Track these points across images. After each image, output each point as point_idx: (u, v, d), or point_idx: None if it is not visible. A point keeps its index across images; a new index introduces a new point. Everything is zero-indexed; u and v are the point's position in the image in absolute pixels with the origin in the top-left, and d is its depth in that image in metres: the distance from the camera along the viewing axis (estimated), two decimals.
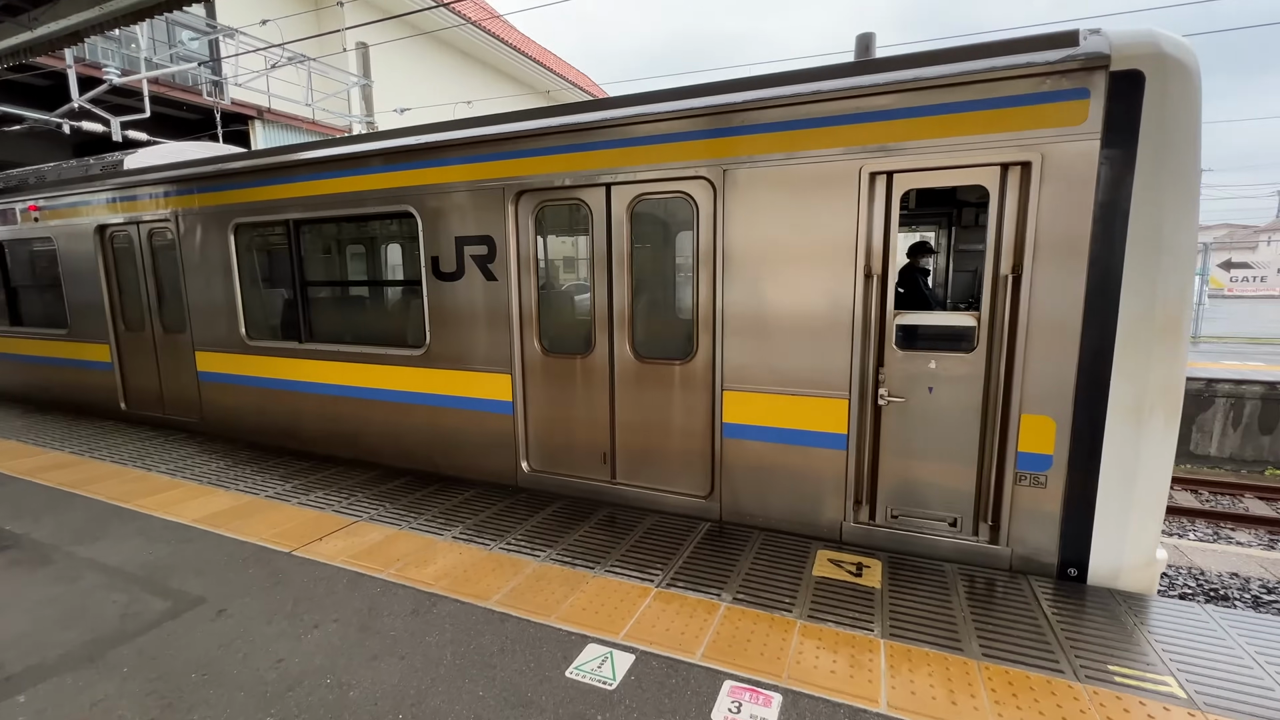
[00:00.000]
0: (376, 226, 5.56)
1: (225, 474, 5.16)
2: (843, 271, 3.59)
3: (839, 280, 3.60)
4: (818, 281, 3.65)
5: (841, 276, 3.59)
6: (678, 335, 4.32)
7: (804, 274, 3.68)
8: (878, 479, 3.75)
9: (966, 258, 6.82)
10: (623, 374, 4.37)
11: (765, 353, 3.85)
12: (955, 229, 6.53)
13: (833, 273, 3.61)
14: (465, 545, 3.75)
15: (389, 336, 5.41)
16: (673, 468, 4.32)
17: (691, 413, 4.19)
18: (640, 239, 4.33)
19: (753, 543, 3.81)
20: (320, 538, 3.85)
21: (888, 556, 3.64)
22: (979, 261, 5.42)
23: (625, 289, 4.27)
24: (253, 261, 6.02)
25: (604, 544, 3.79)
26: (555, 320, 4.75)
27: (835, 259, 3.60)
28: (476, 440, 4.94)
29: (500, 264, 4.57)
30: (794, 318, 3.74)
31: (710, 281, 3.98)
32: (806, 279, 3.68)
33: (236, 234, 5.90)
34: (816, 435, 3.80)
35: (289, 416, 5.91)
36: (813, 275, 3.66)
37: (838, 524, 3.84)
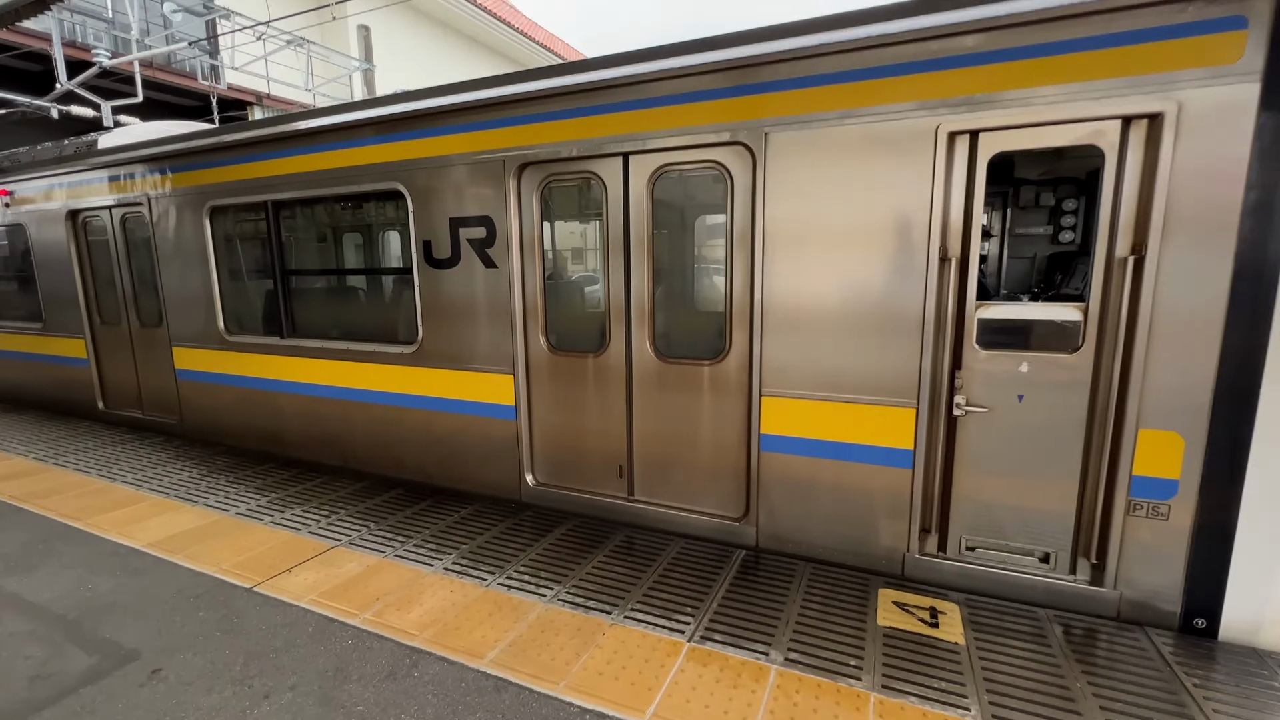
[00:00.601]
0: (363, 208, 4.97)
1: (197, 485, 4.62)
2: (912, 254, 2.95)
3: (907, 265, 2.97)
4: (880, 267, 3.02)
5: (910, 260, 2.96)
6: (706, 331, 3.70)
7: (862, 258, 3.05)
8: (950, 503, 3.12)
9: (1023, 243, 6.08)
10: (642, 375, 3.77)
11: (813, 352, 3.23)
12: (1011, 210, 5.84)
13: (899, 256, 2.98)
14: (458, 580, 3.17)
15: (378, 332, 4.84)
16: (700, 485, 3.72)
17: (722, 421, 3.59)
18: (663, 219, 3.71)
19: (798, 578, 3.20)
20: (290, 568, 3.28)
21: (964, 599, 3.02)
22: (1038, 246, 4.76)
23: (645, 277, 3.65)
24: (231, 249, 5.46)
25: (622, 578, 3.20)
26: (564, 313, 4.15)
27: (903, 239, 2.96)
28: (475, 449, 4.36)
29: (500, 249, 3.97)
30: (849, 310, 3.11)
31: (747, 268, 3.36)
32: (866, 264, 3.05)
33: (212, 218, 5.33)
34: (875, 450, 3.18)
35: (271, 419, 5.36)
36: (873, 259, 3.03)
37: (899, 556, 3.23)
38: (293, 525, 3.86)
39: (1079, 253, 4.24)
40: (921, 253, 2.93)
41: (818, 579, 3.18)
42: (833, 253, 3.11)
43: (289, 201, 4.89)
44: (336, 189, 4.55)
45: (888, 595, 3.02)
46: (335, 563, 3.35)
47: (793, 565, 3.33)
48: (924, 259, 2.93)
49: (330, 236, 5.20)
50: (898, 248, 2.98)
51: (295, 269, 5.09)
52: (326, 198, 4.72)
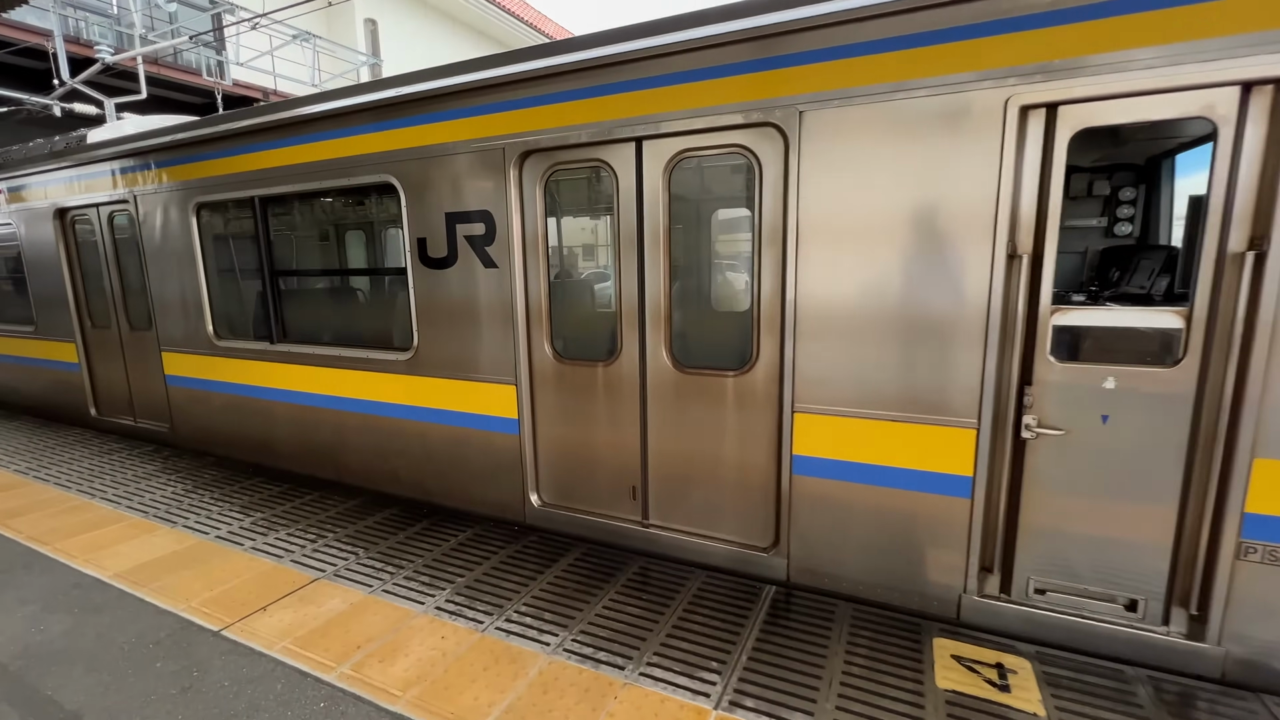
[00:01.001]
0: (355, 204, 4.63)
1: (179, 503, 4.31)
2: (973, 250, 2.53)
3: (967, 262, 2.54)
4: (934, 265, 2.60)
5: (971, 257, 2.53)
6: (730, 337, 3.30)
7: (913, 254, 2.63)
8: (1015, 539, 2.70)
9: (1073, 236, 5.58)
10: (657, 386, 3.37)
11: (854, 362, 2.81)
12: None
13: (957, 252, 2.56)
14: (451, 622, 2.81)
15: (371, 337, 4.49)
16: (723, 510, 3.33)
17: (749, 440, 3.18)
18: (681, 212, 3.31)
19: (839, 623, 2.79)
20: (265, 606, 2.94)
21: (1034, 652, 2.60)
22: (1090, 240, 4.28)
23: (661, 277, 3.26)
24: (219, 248, 5.13)
25: (636, 620, 2.81)
26: (571, 318, 3.76)
27: (962, 233, 2.54)
28: (475, 466, 3.99)
29: (501, 246, 3.59)
30: (898, 315, 2.69)
31: (777, 266, 2.95)
32: (917, 261, 2.62)
33: (199, 216, 5.01)
34: (927, 477, 2.76)
35: (263, 430, 5.04)
36: (926, 256, 2.61)
37: (954, 597, 2.81)
38: (275, 552, 3.52)
39: (1138, 247, 3.79)
40: (984, 248, 2.51)
41: (862, 624, 2.78)
42: (878, 248, 2.69)
43: (277, 197, 4.55)
44: (325, 183, 4.20)
45: (945, 647, 2.61)
46: (316, 599, 3.00)
47: (830, 606, 2.92)
48: (988, 255, 2.51)
49: (321, 235, 4.87)
50: (956, 242, 2.55)
51: (285, 270, 4.75)
52: (316, 193, 4.37)
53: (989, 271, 2.51)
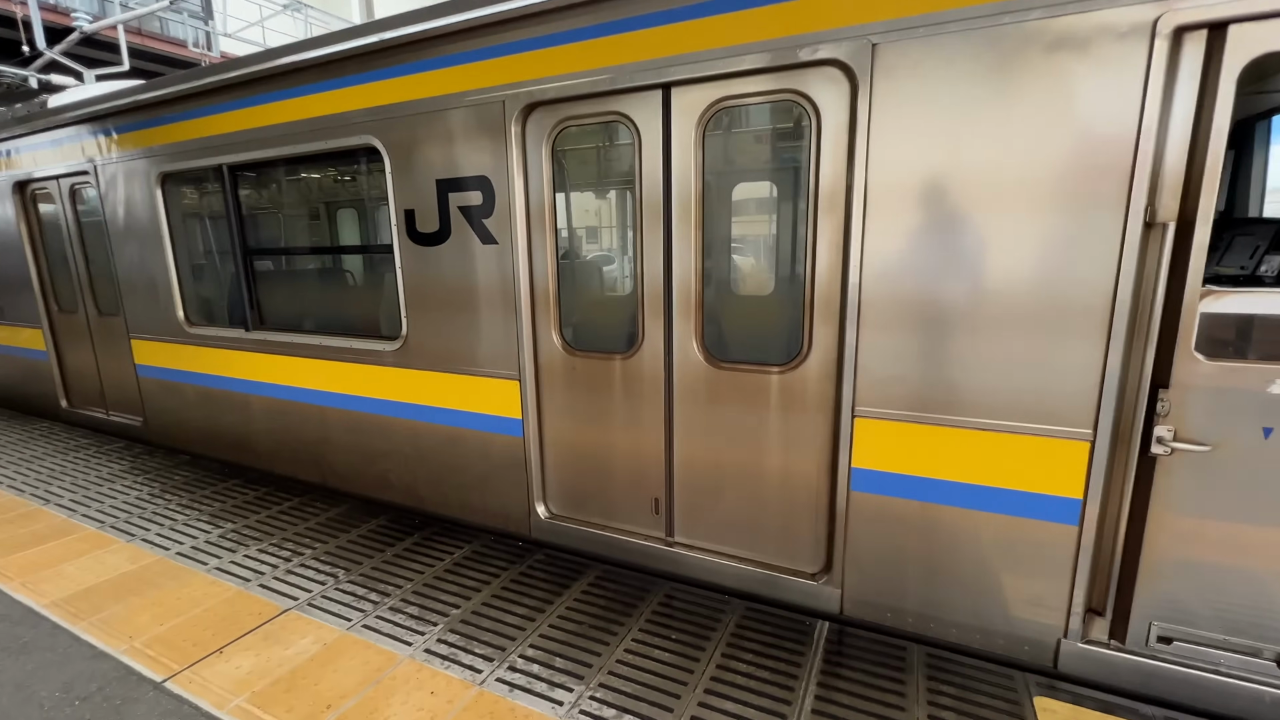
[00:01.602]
0: (335, 173, 4.08)
1: (142, 510, 3.83)
2: (1098, 217, 1.99)
3: (1089, 233, 2.01)
4: (1045, 236, 2.06)
5: (1095, 226, 2.00)
6: (775, 326, 2.78)
7: (1017, 223, 2.09)
8: (1135, 576, 2.19)
9: None
10: (686, 383, 2.86)
11: (933, 357, 2.29)
12: None
13: (1077, 220, 2.02)
14: (443, 670, 2.33)
15: (356, 324, 3.97)
16: (762, 529, 2.83)
17: (796, 448, 2.68)
18: (717, 174, 2.77)
19: (912, 672, 2.31)
20: (221, 648, 2.46)
21: (1161, 717, 2.11)
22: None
23: (692, 254, 2.73)
24: (188, 224, 4.61)
25: (668, 669, 2.33)
26: (583, 302, 3.25)
27: (1083, 195, 2.00)
28: (473, 471, 3.50)
29: (501, 219, 3.06)
30: (993, 299, 2.16)
31: (837, 239, 2.42)
32: (1022, 232, 2.09)
33: (164, 187, 4.47)
34: (1023, 498, 2.25)
35: (241, 426, 4.55)
36: (1035, 225, 2.07)
37: (1051, 643, 2.32)
38: (241, 573, 3.04)
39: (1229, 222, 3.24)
40: (1114, 214, 1.97)
41: (941, 675, 2.29)
42: (970, 216, 2.15)
43: (248, 165, 4.01)
44: (300, 147, 3.65)
45: (1049, 711, 2.12)
46: (284, 637, 2.52)
47: (898, 650, 2.43)
48: (1118, 223, 1.97)
49: (299, 209, 4.32)
50: (1074, 208, 2.01)
51: (259, 249, 4.23)
52: (291, 160, 3.83)
53: (1118, 244, 1.97)
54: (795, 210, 2.69)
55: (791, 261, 2.78)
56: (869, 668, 2.32)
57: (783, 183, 2.82)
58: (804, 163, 2.50)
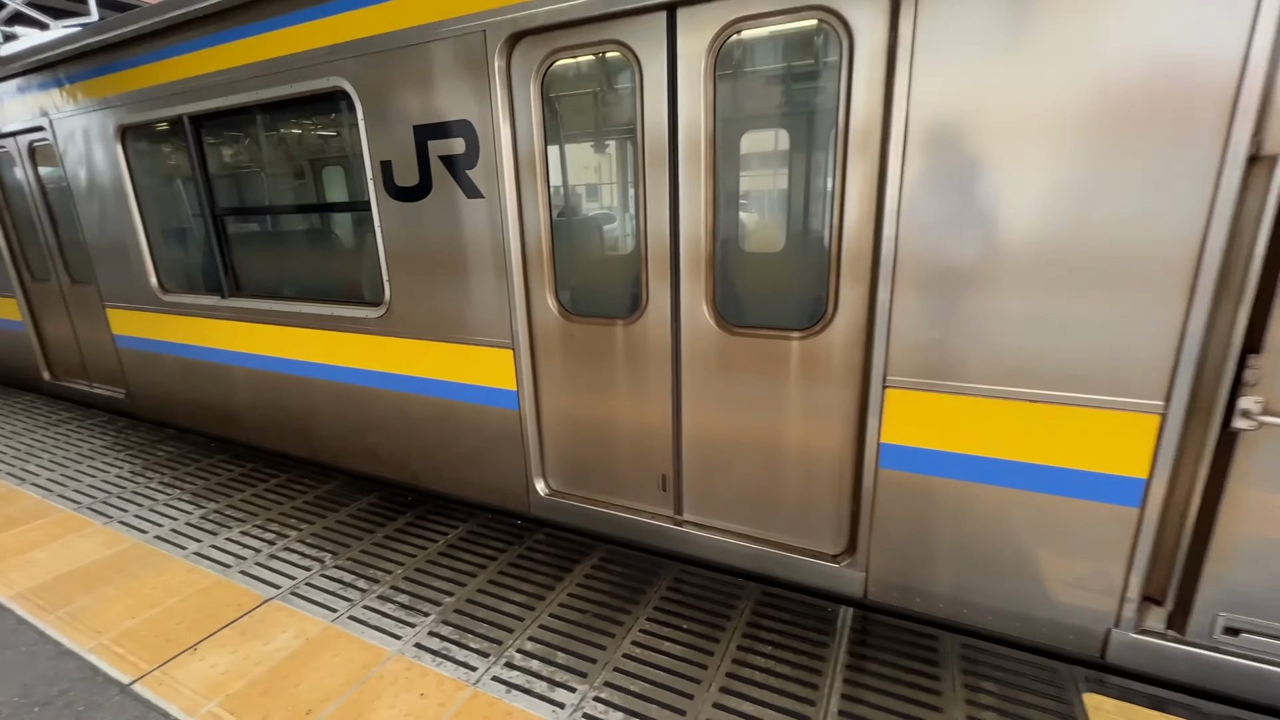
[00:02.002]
0: (305, 121, 3.72)
1: (122, 489, 3.64)
2: (1189, 150, 1.67)
3: (1176, 169, 1.69)
4: (1120, 175, 1.74)
5: (1184, 161, 1.68)
6: (795, 286, 2.49)
7: (1086, 160, 1.77)
8: (1202, 564, 1.96)
9: None
10: (695, 350, 2.59)
11: (978, 319, 2.00)
12: None
13: (1161, 154, 1.70)
14: (434, 668, 2.14)
15: (336, 289, 3.68)
16: (779, 507, 2.61)
17: (819, 421, 2.42)
18: (730, 111, 2.43)
19: (948, 666, 2.11)
20: (196, 644, 2.28)
21: (1226, 716, 1.91)
22: None
23: (702, 205, 2.41)
24: (154, 183, 4.27)
25: (679, 664, 2.14)
26: (580, 262, 2.95)
27: (1171, 124, 1.67)
28: (467, 445, 3.27)
29: (486, 169, 2.73)
30: (1051, 250, 1.86)
31: (870, 184, 2.10)
32: (1092, 171, 1.77)
33: (125, 142, 4.12)
34: (1078, 477, 2.00)
35: (224, 399, 4.33)
36: (1109, 162, 1.75)
37: (1101, 632, 2.11)
38: (222, 559, 2.85)
39: None
40: (1212, 145, 1.65)
41: (978, 669, 2.09)
42: (1030, 151, 1.83)
43: (210, 115, 3.65)
44: (264, 93, 3.29)
45: (1100, 710, 1.92)
46: (263, 631, 2.34)
47: (929, 640, 2.23)
48: (1213, 158, 1.65)
49: (271, 164, 3.97)
50: (1162, 137, 1.69)
51: (228, 208, 3.90)
52: (256, 108, 3.47)
53: (1213, 182, 1.66)
54: (821, 154, 2.36)
55: (811, 214, 2.46)
56: (899, 660, 2.13)
57: (805, 122, 2.47)
58: (831, 97, 2.16)
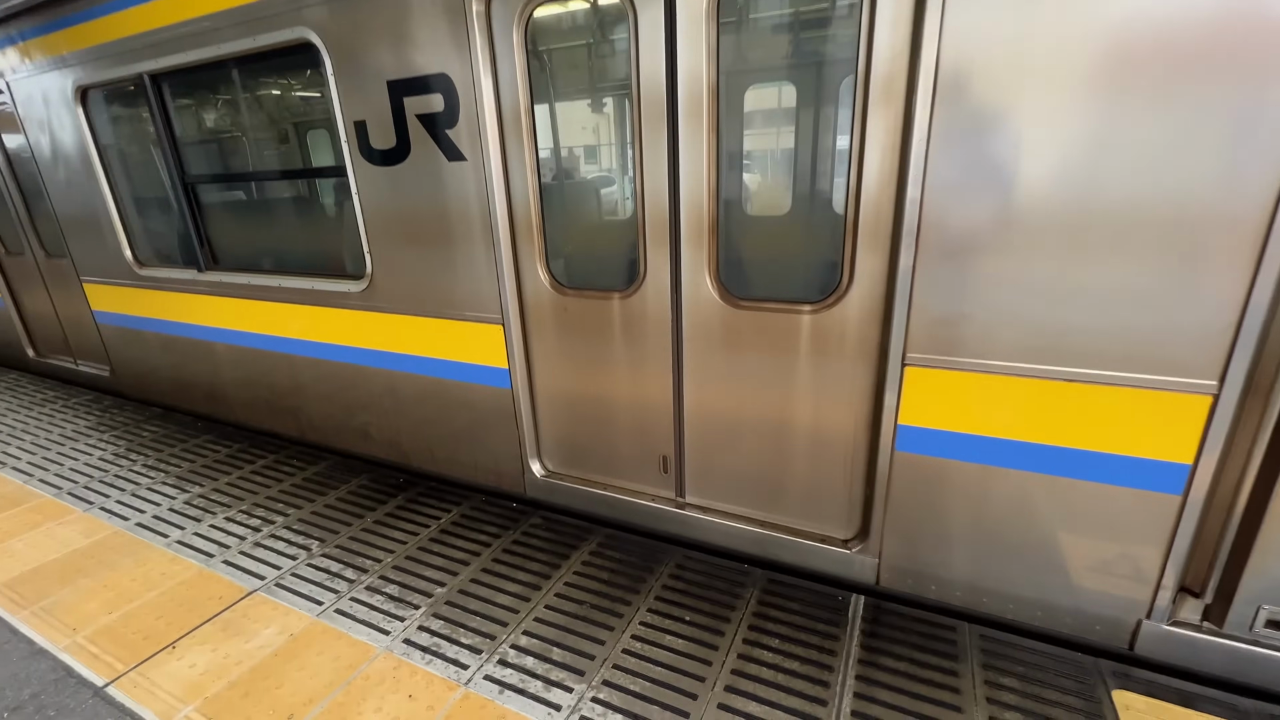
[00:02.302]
0: (277, 80, 3.44)
1: (104, 472, 3.52)
2: (1270, 92, 1.45)
3: (1252, 117, 1.47)
4: (1181, 124, 1.52)
5: (1262, 107, 1.46)
6: (806, 255, 2.29)
7: (1145, 111, 1.55)
8: (1249, 554, 1.81)
9: None
10: (697, 325, 2.41)
11: (1011, 291, 1.81)
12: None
13: (1233, 98, 1.47)
14: (424, 666, 2.03)
15: (317, 262, 3.48)
16: (786, 490, 2.46)
17: (831, 400, 2.25)
18: (735, 62, 2.19)
19: (966, 660, 1.99)
20: (174, 641, 2.17)
21: (1267, 713, 1.79)
22: None
23: (704, 166, 2.19)
24: (121, 149, 4.02)
25: (683, 659, 2.02)
26: (572, 231, 2.74)
27: (1248, 67, 1.44)
28: (458, 425, 3.13)
29: (468, 129, 2.50)
30: (1100, 214, 1.65)
31: (893, 140, 1.88)
32: (1151, 123, 1.55)
33: (86, 104, 3.86)
34: (1116, 463, 1.84)
35: (207, 375, 4.17)
36: (1169, 110, 1.53)
37: (1131, 623, 1.98)
38: (205, 547, 2.74)
39: None
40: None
41: (999, 664, 1.97)
42: (1079, 99, 1.60)
43: (172, 73, 3.38)
44: (226, 47, 3.02)
45: (1131, 707, 1.80)
46: (245, 627, 2.23)
47: (947, 631, 2.11)
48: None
49: (242, 128, 3.72)
50: (1237, 83, 1.46)
51: (199, 175, 3.66)
52: (218, 63, 3.20)
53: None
54: (836, 107, 2.12)
55: (824, 174, 2.24)
56: (915, 654, 2.01)
57: (819, 72, 2.23)
58: (849, 42, 1.92)
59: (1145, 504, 1.84)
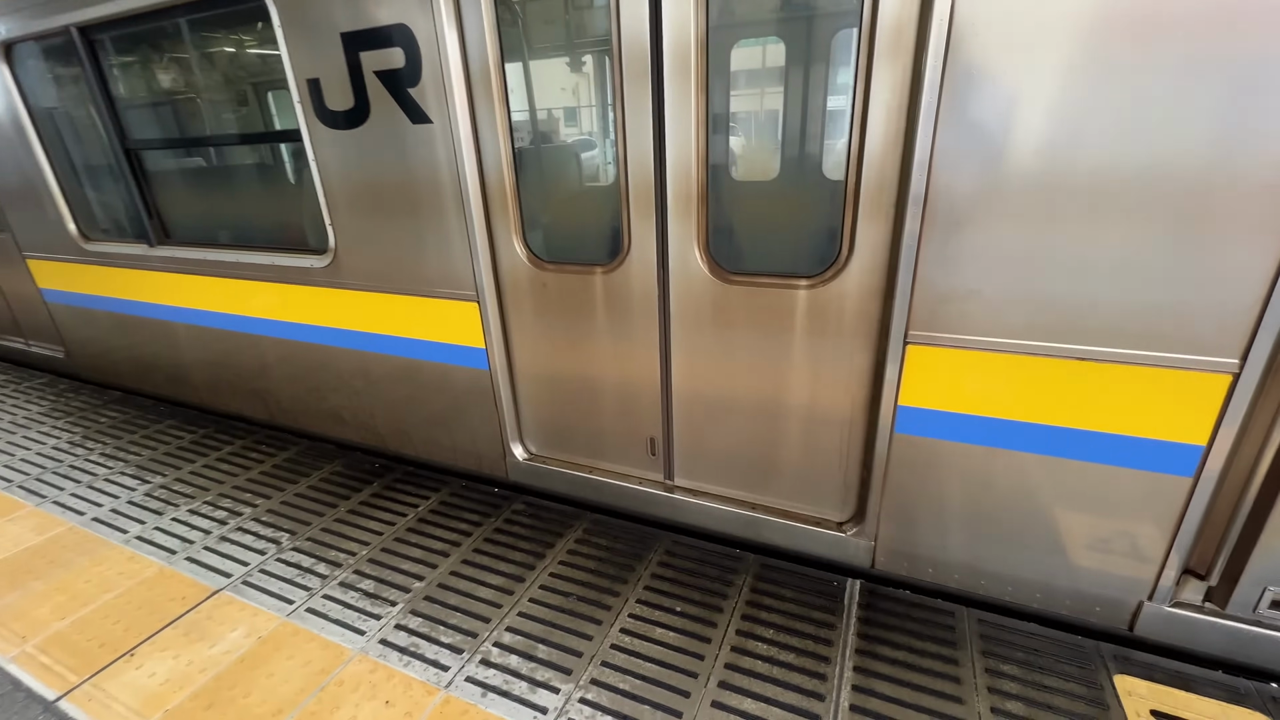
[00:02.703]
0: (224, 35, 3.14)
1: (58, 462, 3.32)
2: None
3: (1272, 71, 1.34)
4: (1215, 86, 1.38)
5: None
6: (801, 224, 2.14)
7: (1173, 67, 1.40)
8: (1258, 537, 1.75)
9: None
10: (686, 301, 2.26)
11: (1023, 264, 1.69)
12: None
13: (1270, 50, 1.34)
14: (400, 669, 1.92)
15: (276, 234, 3.24)
16: (779, 471, 2.37)
17: (827, 379, 2.14)
18: (725, 13, 1.99)
19: (965, 647, 1.93)
20: (133, 648, 2.04)
21: (1268, 694, 1.76)
22: None
23: (693, 130, 2.01)
24: (60, 111, 3.68)
25: (674, 654, 1.94)
26: (551, 201, 2.55)
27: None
28: (434, 408, 2.97)
29: (432, 87, 2.27)
30: (1123, 184, 1.52)
31: (901, 100, 1.72)
32: (1180, 80, 1.40)
33: (11, 62, 3.51)
34: (1128, 444, 1.75)
35: (168, 356, 3.94)
36: (1201, 71, 1.38)
37: (1131, 604, 1.93)
38: (167, 543, 2.59)
39: None
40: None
41: (998, 650, 1.92)
42: (1103, 52, 1.45)
43: (104, 25, 3.06)
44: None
45: (1133, 692, 1.76)
46: (210, 630, 2.10)
47: (945, 617, 2.06)
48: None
49: (185, 87, 3.41)
50: (1266, 40, 1.32)
51: (141, 140, 3.37)
52: (153, 14, 2.89)
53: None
54: (835, 64, 1.94)
55: (821, 137, 2.08)
56: (913, 642, 1.95)
57: (816, 24, 2.04)
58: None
59: (1154, 486, 1.76)
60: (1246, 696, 1.74)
